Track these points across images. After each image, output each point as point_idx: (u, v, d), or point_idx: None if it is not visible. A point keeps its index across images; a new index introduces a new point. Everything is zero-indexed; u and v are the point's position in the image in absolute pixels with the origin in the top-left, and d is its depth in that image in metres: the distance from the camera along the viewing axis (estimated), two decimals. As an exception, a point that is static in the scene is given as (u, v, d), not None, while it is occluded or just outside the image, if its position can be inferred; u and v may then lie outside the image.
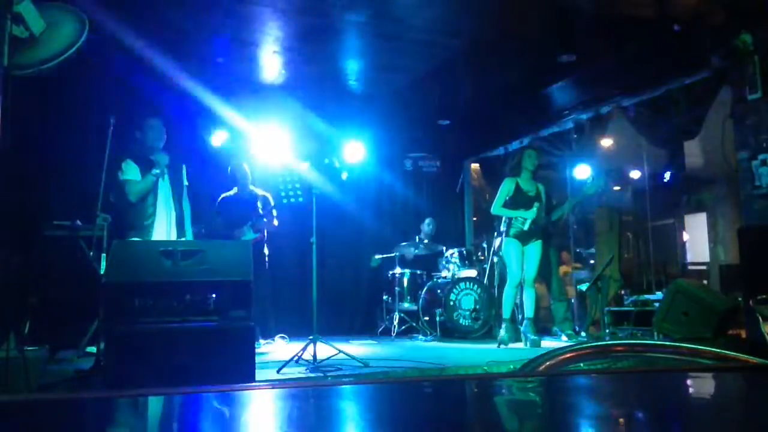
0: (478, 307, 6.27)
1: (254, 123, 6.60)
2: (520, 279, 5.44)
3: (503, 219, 5.58)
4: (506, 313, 5.49)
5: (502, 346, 5.30)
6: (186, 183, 4.66)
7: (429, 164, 8.26)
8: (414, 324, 6.78)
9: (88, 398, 0.97)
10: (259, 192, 5.65)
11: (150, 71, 5.47)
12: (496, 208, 5.60)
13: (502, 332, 5.43)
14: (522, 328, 5.48)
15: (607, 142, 7.20)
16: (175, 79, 5.72)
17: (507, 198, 5.53)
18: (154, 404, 0.90)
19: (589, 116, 6.70)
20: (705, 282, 7.87)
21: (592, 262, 7.91)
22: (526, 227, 5.40)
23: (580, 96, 6.69)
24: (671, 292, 5.13)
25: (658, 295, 5.94)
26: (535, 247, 5.42)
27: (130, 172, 4.37)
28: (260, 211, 5.54)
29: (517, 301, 5.65)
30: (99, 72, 5.18)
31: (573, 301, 6.71)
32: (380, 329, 7.06)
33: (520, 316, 5.58)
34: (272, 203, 5.62)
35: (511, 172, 5.75)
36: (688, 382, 1.06)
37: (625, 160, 7.69)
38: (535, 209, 5.37)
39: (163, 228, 4.37)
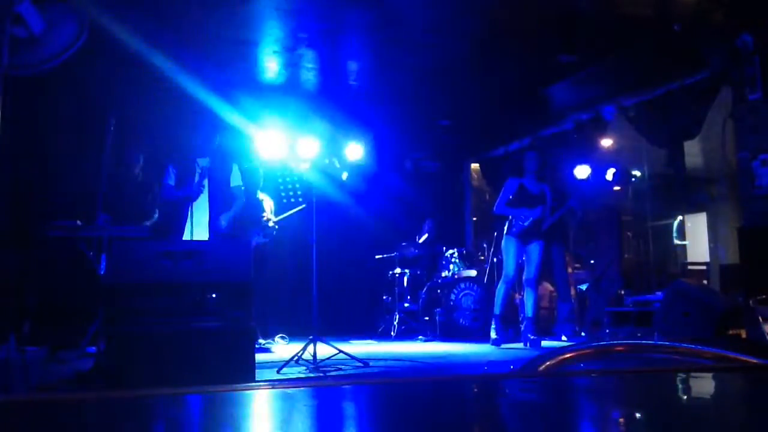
0: (478, 307, 6.27)
1: (254, 123, 6.60)
2: (513, 277, 5.45)
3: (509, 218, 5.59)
4: (496, 308, 5.50)
5: (494, 345, 5.31)
6: (238, 183, 4.73)
7: (429, 164, 8.26)
8: (414, 324, 6.78)
9: (88, 398, 0.97)
10: (262, 196, 5.70)
11: (150, 71, 5.47)
12: (498, 207, 5.60)
13: (492, 331, 5.45)
14: (522, 328, 5.48)
15: (607, 142, 7.20)
16: (175, 79, 5.72)
17: (510, 197, 5.53)
18: (154, 404, 0.90)
19: (589, 116, 6.71)
20: (705, 282, 7.86)
21: (592, 262, 7.90)
22: (527, 226, 5.40)
23: (580, 96, 6.69)
24: (671, 292, 5.12)
25: (658, 295, 5.93)
26: (536, 248, 5.42)
27: (169, 176, 4.50)
28: (268, 216, 5.59)
29: (517, 301, 5.64)
30: (99, 72, 5.18)
31: (573, 301, 6.71)
32: (380, 329, 7.05)
33: (521, 316, 5.59)
34: (273, 208, 5.68)
35: (513, 173, 5.75)
36: (688, 382, 1.06)
37: (625, 160, 7.68)
38: (538, 210, 5.37)
39: (200, 229, 4.44)
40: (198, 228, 4.49)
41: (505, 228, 5.55)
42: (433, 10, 4.99)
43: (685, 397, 0.99)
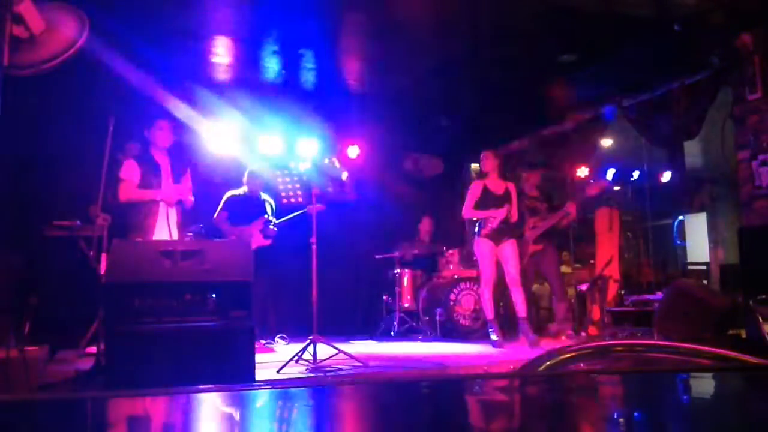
0: (478, 307, 6.26)
1: (254, 123, 6.60)
2: (490, 278, 5.48)
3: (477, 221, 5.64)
4: (488, 313, 5.52)
5: (497, 347, 5.31)
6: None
7: (429, 164, 8.26)
8: (414, 324, 6.78)
9: (88, 398, 0.97)
10: (265, 197, 5.71)
11: (150, 71, 5.47)
12: (466, 211, 5.65)
13: (491, 334, 5.46)
14: (521, 328, 5.48)
15: (607, 142, 7.20)
16: (175, 79, 5.72)
17: (476, 200, 5.56)
18: (154, 404, 0.90)
19: (589, 116, 6.71)
20: (705, 282, 7.86)
21: (592, 262, 7.90)
22: (496, 227, 5.42)
23: (580, 96, 6.69)
24: (671, 292, 5.12)
25: (658, 295, 5.93)
26: (509, 246, 5.44)
27: (129, 172, 4.41)
28: (269, 217, 5.60)
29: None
30: (99, 72, 5.18)
31: (573, 301, 6.71)
32: (380, 329, 7.06)
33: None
34: (274, 210, 5.68)
35: (477, 176, 5.82)
36: (688, 382, 1.06)
37: (625, 160, 7.69)
38: (504, 209, 5.39)
39: (164, 229, 4.37)
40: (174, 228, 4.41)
41: (476, 231, 5.59)
42: (433, 10, 4.99)
43: (685, 397, 0.99)
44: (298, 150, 6.62)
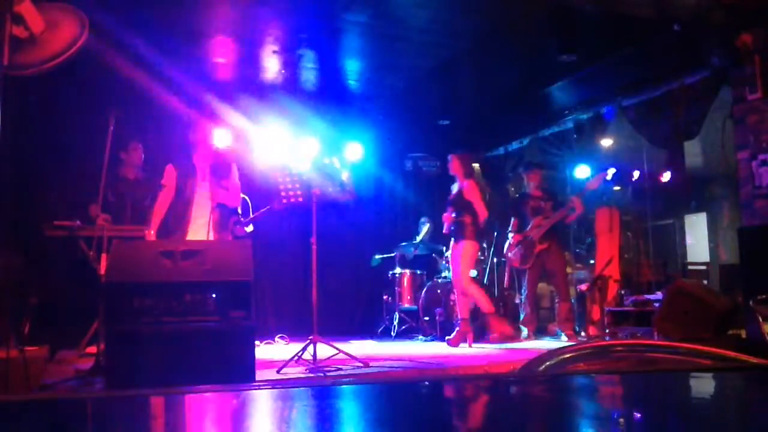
0: (477, 306, 6.26)
1: (254, 123, 6.60)
2: (453, 279, 5.72)
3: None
4: (460, 312, 5.66)
5: (450, 345, 5.40)
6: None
7: (429, 164, 8.26)
8: (414, 324, 6.78)
9: (88, 398, 0.97)
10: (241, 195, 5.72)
11: (150, 71, 5.47)
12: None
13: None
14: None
15: (607, 142, 7.20)
16: (175, 79, 5.72)
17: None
18: (154, 404, 0.90)
19: (589, 116, 6.71)
20: (705, 282, 7.86)
21: (592, 262, 7.90)
22: (446, 231, 5.85)
23: (580, 96, 6.68)
24: (671, 292, 5.11)
25: (658, 295, 5.93)
26: (453, 249, 5.75)
27: (167, 177, 4.48)
28: (240, 218, 5.59)
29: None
30: (99, 72, 5.18)
31: (573, 301, 6.71)
32: (380, 329, 7.05)
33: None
34: (249, 207, 5.67)
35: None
36: (688, 382, 1.06)
37: (625, 160, 7.69)
38: (445, 215, 5.86)
39: (200, 230, 4.41)
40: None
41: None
42: (432, 10, 4.99)
43: (685, 397, 0.99)
44: (298, 150, 6.62)
